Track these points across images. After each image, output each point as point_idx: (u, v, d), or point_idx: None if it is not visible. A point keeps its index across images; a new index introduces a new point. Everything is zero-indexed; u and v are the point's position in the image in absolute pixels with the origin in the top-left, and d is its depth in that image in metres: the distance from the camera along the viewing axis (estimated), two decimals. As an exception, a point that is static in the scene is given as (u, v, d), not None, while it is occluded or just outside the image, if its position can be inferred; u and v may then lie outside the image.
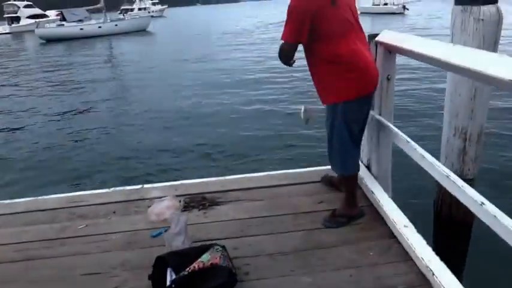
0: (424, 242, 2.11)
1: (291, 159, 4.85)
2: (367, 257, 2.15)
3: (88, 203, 2.98)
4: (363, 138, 2.86)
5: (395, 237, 2.27)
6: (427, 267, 1.92)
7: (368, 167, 2.94)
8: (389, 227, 2.35)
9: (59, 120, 7.40)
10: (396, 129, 2.40)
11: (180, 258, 2.03)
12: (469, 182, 2.88)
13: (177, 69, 10.48)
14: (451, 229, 3.12)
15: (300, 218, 2.54)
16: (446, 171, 1.86)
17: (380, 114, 2.64)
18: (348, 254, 2.18)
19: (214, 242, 2.34)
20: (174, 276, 1.97)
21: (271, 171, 3.20)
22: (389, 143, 2.71)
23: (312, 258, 2.17)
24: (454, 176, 1.80)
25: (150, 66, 11.72)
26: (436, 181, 2.05)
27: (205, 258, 1.95)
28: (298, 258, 2.19)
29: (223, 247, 2.10)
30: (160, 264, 2.03)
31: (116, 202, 2.95)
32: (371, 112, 2.71)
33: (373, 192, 2.61)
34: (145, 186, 3.15)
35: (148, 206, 2.82)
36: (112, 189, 3.16)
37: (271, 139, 5.71)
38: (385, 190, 2.66)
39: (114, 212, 2.83)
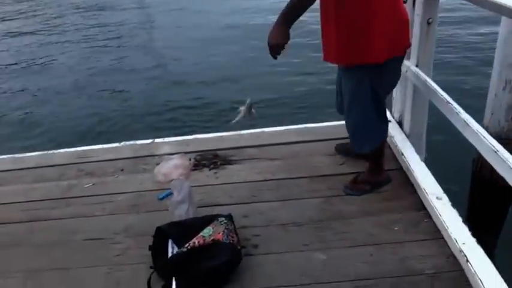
0: (459, 219, 1.83)
1: (317, 108, 4.47)
2: (391, 233, 1.90)
3: (97, 158, 2.84)
4: (395, 90, 2.52)
5: (425, 209, 1.99)
6: (461, 251, 1.65)
7: (399, 124, 2.60)
8: (419, 197, 2.06)
9: (74, 70, 7.08)
10: (435, 86, 2.03)
11: (181, 230, 1.86)
12: (518, 141, 2.52)
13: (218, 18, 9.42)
14: (489, 203, 2.80)
15: (318, 182, 2.29)
16: (495, 144, 1.52)
17: (417, 66, 2.26)
18: (369, 227, 1.94)
19: (222, 207, 2.18)
20: (175, 249, 1.81)
21: (291, 125, 2.91)
22: (426, 100, 2.34)
23: (328, 232, 1.95)
24: (504, 153, 1.47)
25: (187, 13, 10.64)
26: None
27: (207, 233, 1.76)
28: (312, 231, 1.96)
29: (228, 218, 1.90)
30: (161, 234, 1.87)
31: (124, 158, 2.79)
32: (406, 62, 2.33)
33: (403, 154, 2.30)
34: (156, 140, 2.96)
35: (158, 164, 2.64)
36: (122, 143, 2.99)
37: (298, 92, 5.27)
38: (418, 152, 2.34)
39: (122, 170, 2.67)
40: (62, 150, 3.03)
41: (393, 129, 2.53)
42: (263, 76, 5.55)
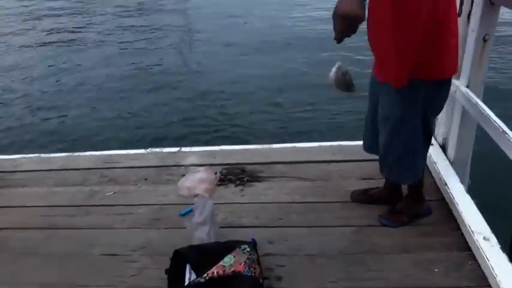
0: (510, 265, 1.62)
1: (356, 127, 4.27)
2: (430, 275, 1.71)
3: (121, 164, 2.77)
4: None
5: (470, 250, 1.79)
6: (512, 308, 1.46)
7: (443, 148, 2.39)
8: (463, 236, 1.86)
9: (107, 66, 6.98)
10: (488, 111, 1.83)
11: (200, 255, 1.73)
12: None
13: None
14: None
15: (350, 208, 2.12)
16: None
17: (467, 86, 2.05)
18: (406, 266, 1.76)
19: (247, 229, 2.05)
20: (193, 275, 1.69)
21: (325, 142, 2.74)
22: (475, 124, 2.13)
23: (359, 268, 1.78)
24: None
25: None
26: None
27: (228, 262, 1.63)
28: (341, 265, 1.80)
29: (252, 246, 1.76)
30: (179, 258, 1.76)
31: (149, 167, 2.71)
32: (455, 82, 2.13)
33: (446, 184, 2.09)
34: (183, 149, 2.86)
35: (183, 175, 2.54)
36: (149, 150, 2.91)
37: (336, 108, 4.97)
38: (462, 181, 2.13)
39: (146, 179, 2.58)
40: (87, 153, 2.99)
41: (436, 154, 2.33)
42: (299, 89, 5.33)
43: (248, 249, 1.72)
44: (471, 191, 2.14)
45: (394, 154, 1.73)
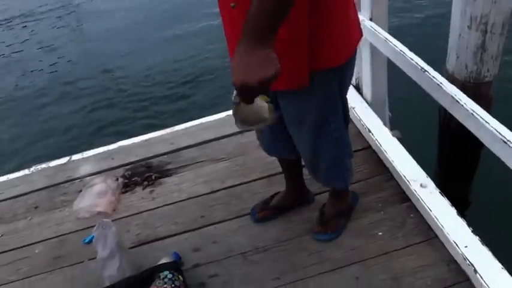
0: (454, 211, 1.49)
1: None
2: (376, 241, 1.54)
3: (3, 196, 2.28)
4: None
5: (409, 200, 1.65)
6: (465, 258, 1.33)
7: (357, 89, 2.20)
8: (399, 185, 1.71)
9: None
10: (401, 46, 1.62)
11: (115, 299, 1.42)
12: (488, 84, 2.21)
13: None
14: (459, 154, 2.52)
15: (278, 182, 1.87)
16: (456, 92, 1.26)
17: (371, 19, 1.82)
18: (348, 238, 1.58)
19: (165, 240, 1.75)
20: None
21: (227, 111, 2.43)
22: (385, 58, 1.93)
23: (299, 254, 1.57)
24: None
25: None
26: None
27: (148, 303, 1.33)
28: (281, 256, 1.58)
29: (173, 268, 1.47)
30: (90, 309, 1.43)
31: (37, 190, 2.25)
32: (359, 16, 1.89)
33: (370, 131, 1.91)
34: (74, 158, 2.41)
35: (79, 191, 2.13)
36: (33, 168, 2.42)
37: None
38: (383, 122, 1.98)
39: (36, 207, 2.14)
40: (-43, 191, 2.43)
41: (352, 97, 2.13)
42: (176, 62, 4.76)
43: (169, 275, 1.42)
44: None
45: (326, 158, 1.36)
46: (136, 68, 4.82)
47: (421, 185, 1.59)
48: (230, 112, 2.41)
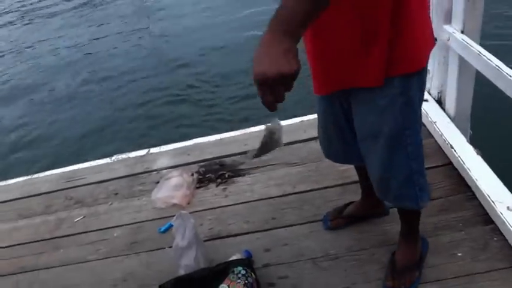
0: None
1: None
2: (455, 261, 1.48)
3: (86, 180, 2.46)
4: (431, 62, 2.02)
5: (493, 223, 1.56)
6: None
7: (439, 103, 2.13)
8: (482, 206, 1.63)
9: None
10: (496, 60, 1.55)
11: (190, 288, 1.48)
12: None
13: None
14: None
15: (352, 191, 1.85)
16: None
17: (463, 32, 1.76)
18: (427, 258, 1.52)
19: (237, 237, 1.79)
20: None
21: (307, 116, 2.45)
22: (473, 73, 1.86)
23: (372, 266, 1.54)
24: None
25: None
26: None
27: (222, 295, 1.38)
28: (353, 265, 1.56)
29: (246, 264, 1.51)
30: (166, 295, 1.50)
31: (118, 178, 2.40)
32: (447, 28, 1.84)
33: (452, 147, 1.84)
34: (152, 150, 2.54)
35: (156, 182, 2.25)
36: (114, 157, 2.59)
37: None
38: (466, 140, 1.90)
39: (116, 194, 2.28)
40: (47, 173, 2.66)
41: (433, 111, 2.07)
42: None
43: (243, 271, 1.46)
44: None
45: (399, 176, 1.27)
46: (214, 67, 4.97)
47: (508, 208, 1.51)
48: (304, 118, 2.45)
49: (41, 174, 2.66)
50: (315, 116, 2.19)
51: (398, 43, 1.05)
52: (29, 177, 2.68)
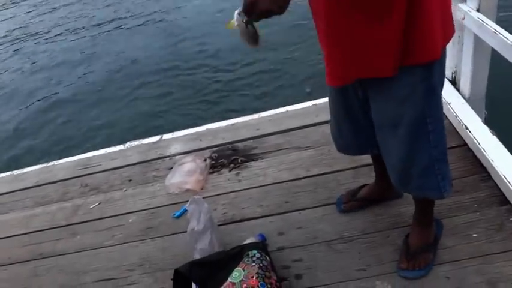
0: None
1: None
2: (471, 242, 1.47)
3: (101, 167, 2.49)
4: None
5: (509, 203, 1.55)
6: None
7: (453, 83, 2.09)
8: (497, 186, 1.62)
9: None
10: (506, 33, 1.52)
11: (204, 271, 1.50)
12: None
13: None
14: None
15: (365, 174, 1.85)
16: None
17: (478, 10, 1.72)
18: (441, 239, 1.52)
19: (251, 221, 1.81)
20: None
21: (318, 100, 2.43)
22: (489, 52, 1.82)
23: (386, 248, 1.54)
24: None
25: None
26: None
27: (238, 278, 1.39)
28: (367, 248, 1.57)
29: (261, 248, 1.52)
30: (181, 278, 1.52)
31: (132, 165, 2.42)
32: (462, 7, 1.80)
33: (467, 128, 1.82)
34: (165, 137, 2.56)
35: (169, 168, 2.26)
36: (127, 144, 2.62)
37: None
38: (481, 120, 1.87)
39: (130, 180, 2.31)
40: (62, 161, 2.70)
41: (447, 91, 2.03)
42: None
43: (257, 254, 1.47)
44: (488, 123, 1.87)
45: (420, 164, 1.24)
46: (222, 54, 4.95)
47: (525, 189, 1.49)
48: (316, 101, 2.43)
49: (57, 162, 2.70)
50: (320, 101, 2.18)
51: (415, 30, 1.02)
52: (45, 165, 2.72)
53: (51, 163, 2.71)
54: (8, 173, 2.76)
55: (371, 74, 1.13)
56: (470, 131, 1.79)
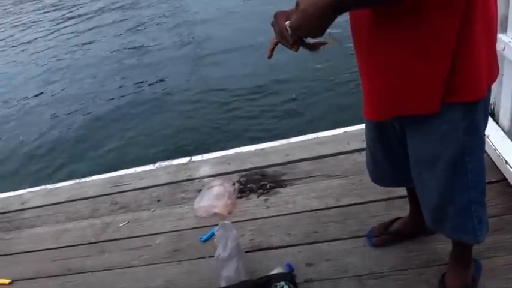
0: None
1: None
2: (510, 285, 1.40)
3: (131, 186, 2.52)
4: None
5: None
6: None
7: (492, 115, 2.03)
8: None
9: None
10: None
11: (231, 301, 1.48)
12: None
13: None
14: None
15: (398, 206, 1.80)
16: None
17: (518, 40, 1.68)
18: (480, 280, 1.45)
19: (279, 250, 1.77)
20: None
21: (350, 127, 2.40)
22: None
23: (420, 286, 1.48)
24: None
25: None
26: None
27: (264, 310, 1.36)
28: (400, 286, 1.51)
29: (289, 278, 1.49)
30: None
31: (160, 185, 2.44)
32: (501, 37, 1.76)
33: (507, 163, 1.75)
34: (194, 158, 2.57)
35: (198, 190, 2.27)
36: (157, 164, 2.65)
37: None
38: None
39: (159, 201, 2.33)
40: (94, 178, 2.75)
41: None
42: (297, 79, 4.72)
43: (286, 287, 1.44)
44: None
45: (456, 204, 1.18)
46: (253, 77, 5.01)
47: None
48: (347, 129, 2.40)
49: (88, 179, 2.75)
50: (360, 126, 2.15)
51: (462, 68, 0.99)
52: (77, 181, 2.78)
53: (83, 179, 2.77)
54: (43, 187, 2.84)
55: (412, 110, 1.09)
56: (510, 166, 1.72)
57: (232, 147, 2.57)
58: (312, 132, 2.46)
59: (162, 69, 6.04)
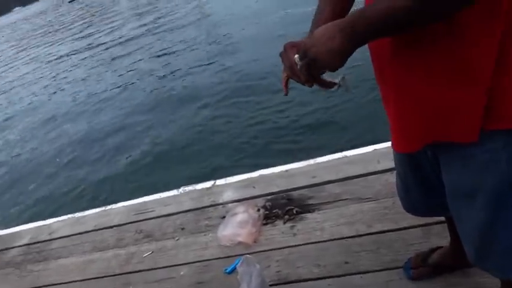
0: None
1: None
2: None
3: (155, 213, 2.48)
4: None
5: None
6: None
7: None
8: None
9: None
10: None
11: None
12: None
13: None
14: None
15: (436, 234, 1.65)
16: None
17: None
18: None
19: (307, 283, 1.66)
20: None
21: (380, 144, 2.26)
22: None
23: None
24: None
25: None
26: None
27: None
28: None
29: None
30: None
31: (185, 211, 2.38)
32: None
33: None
34: (217, 182, 2.50)
35: (222, 217, 2.19)
36: (181, 189, 2.60)
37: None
38: None
39: (183, 229, 2.26)
40: (119, 205, 2.73)
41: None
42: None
43: (314, 329, 1.33)
44: None
45: (503, 241, 1.04)
46: (277, 95, 4.93)
47: None
48: (377, 146, 2.26)
49: (114, 206, 2.74)
50: (382, 146, 1.99)
51: (501, 92, 0.87)
52: (103, 208, 2.77)
53: (108, 206, 2.77)
54: (70, 216, 2.85)
55: (446, 138, 0.97)
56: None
57: (256, 165, 2.48)
58: (339, 150, 2.34)
59: (178, 88, 6.13)
